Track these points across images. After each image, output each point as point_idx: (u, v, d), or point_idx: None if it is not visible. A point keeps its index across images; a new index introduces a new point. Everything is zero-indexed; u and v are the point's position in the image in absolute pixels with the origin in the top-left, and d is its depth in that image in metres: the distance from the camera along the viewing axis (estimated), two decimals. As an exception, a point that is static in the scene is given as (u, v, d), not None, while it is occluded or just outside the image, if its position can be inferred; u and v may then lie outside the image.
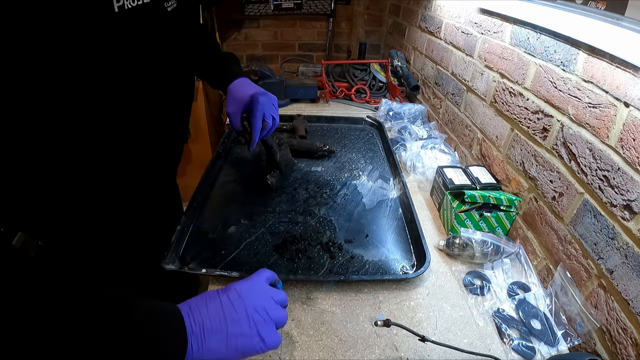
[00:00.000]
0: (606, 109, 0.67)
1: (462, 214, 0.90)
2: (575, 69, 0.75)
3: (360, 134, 1.45)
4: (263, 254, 0.85)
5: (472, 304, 0.77)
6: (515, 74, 0.96)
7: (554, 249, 0.80)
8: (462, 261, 0.88)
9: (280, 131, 1.39)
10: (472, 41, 1.17)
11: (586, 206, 0.72)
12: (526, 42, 0.91)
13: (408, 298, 0.78)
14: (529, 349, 0.68)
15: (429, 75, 1.56)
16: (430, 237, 0.95)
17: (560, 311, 0.73)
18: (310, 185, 1.11)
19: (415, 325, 0.72)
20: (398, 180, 1.11)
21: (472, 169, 1.03)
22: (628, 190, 0.62)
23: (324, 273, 0.81)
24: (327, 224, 0.95)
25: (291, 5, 2.32)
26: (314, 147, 1.25)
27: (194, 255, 0.85)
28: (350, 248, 0.88)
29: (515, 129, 0.96)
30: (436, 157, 1.20)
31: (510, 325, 0.72)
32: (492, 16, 1.06)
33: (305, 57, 2.55)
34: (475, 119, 1.17)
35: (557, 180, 0.80)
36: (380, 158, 1.28)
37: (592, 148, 0.70)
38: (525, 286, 0.81)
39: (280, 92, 1.68)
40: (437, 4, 1.46)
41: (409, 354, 0.67)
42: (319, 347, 0.67)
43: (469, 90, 1.21)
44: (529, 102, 0.90)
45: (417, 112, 1.51)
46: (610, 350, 0.64)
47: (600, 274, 0.68)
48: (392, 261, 0.85)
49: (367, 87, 1.80)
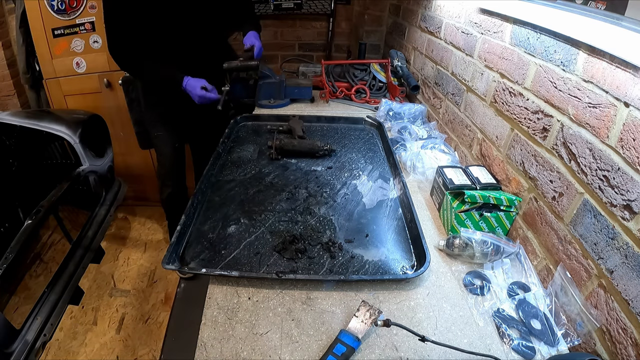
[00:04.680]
0: (606, 109, 0.67)
1: (462, 214, 0.90)
2: (575, 69, 0.75)
3: (360, 134, 1.45)
4: (263, 254, 0.85)
5: (472, 304, 0.77)
6: (515, 74, 0.96)
7: (554, 249, 0.80)
8: (462, 261, 0.87)
9: (278, 132, 1.40)
10: (472, 41, 1.17)
11: (586, 206, 0.72)
12: (526, 42, 0.91)
13: (408, 298, 0.78)
14: (529, 349, 0.68)
15: (429, 75, 1.56)
16: (430, 237, 0.95)
17: (560, 311, 0.73)
18: (310, 184, 1.11)
19: (415, 325, 0.72)
20: (398, 180, 1.11)
21: (472, 169, 1.03)
22: (628, 190, 0.62)
23: (324, 273, 0.81)
24: (327, 224, 0.95)
25: (291, 5, 2.32)
26: (315, 146, 1.26)
27: (194, 255, 0.85)
28: (350, 248, 0.88)
29: (515, 129, 0.96)
30: (436, 157, 1.20)
31: (510, 325, 0.72)
32: (492, 16, 1.06)
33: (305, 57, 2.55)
34: (475, 119, 1.17)
35: (557, 180, 0.80)
36: (380, 158, 1.28)
37: (592, 148, 0.70)
38: (525, 286, 0.81)
39: (280, 92, 1.68)
40: (437, 4, 1.46)
41: (409, 354, 0.67)
42: (319, 347, 0.67)
43: (469, 90, 1.21)
44: (529, 102, 0.90)
45: (417, 112, 1.51)
46: (610, 350, 0.64)
47: (600, 274, 0.68)
48: (392, 261, 0.85)
49: (367, 87, 1.80)
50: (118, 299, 1.91)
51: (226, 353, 0.66)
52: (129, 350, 1.66)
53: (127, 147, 2.23)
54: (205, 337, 0.69)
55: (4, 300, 1.80)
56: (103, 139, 1.76)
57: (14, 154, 1.75)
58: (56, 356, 1.63)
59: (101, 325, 1.77)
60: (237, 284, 0.80)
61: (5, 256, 1.19)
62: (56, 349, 1.65)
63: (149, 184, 2.43)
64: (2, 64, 2.13)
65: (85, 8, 1.88)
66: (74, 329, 1.75)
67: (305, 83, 1.73)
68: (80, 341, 1.69)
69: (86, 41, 1.96)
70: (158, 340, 1.68)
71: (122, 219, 2.48)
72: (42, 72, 2.03)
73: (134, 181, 2.36)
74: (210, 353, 0.66)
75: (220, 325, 0.71)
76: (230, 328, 0.71)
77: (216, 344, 0.68)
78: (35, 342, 1.13)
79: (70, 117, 1.67)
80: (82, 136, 1.59)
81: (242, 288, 0.79)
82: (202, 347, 0.67)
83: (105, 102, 2.11)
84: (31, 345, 1.11)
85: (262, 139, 1.39)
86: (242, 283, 0.80)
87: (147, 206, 2.53)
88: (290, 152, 1.27)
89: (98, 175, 1.67)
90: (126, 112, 2.00)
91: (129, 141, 2.18)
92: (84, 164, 1.60)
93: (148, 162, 2.33)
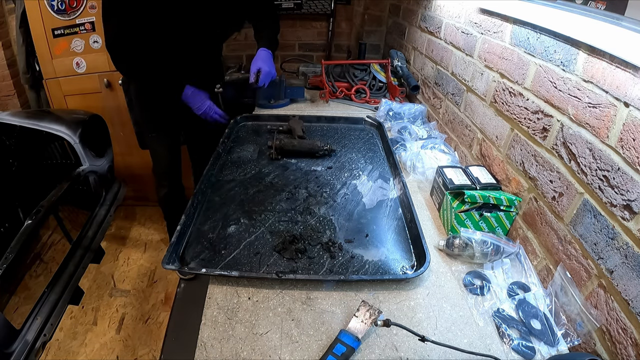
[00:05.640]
0: (606, 109, 0.67)
1: (462, 214, 0.90)
2: (575, 69, 0.75)
3: (360, 134, 1.45)
4: (263, 254, 0.85)
5: (472, 304, 0.77)
6: (515, 74, 0.96)
7: (554, 249, 0.80)
8: (462, 261, 0.87)
9: (278, 132, 1.40)
10: (472, 41, 1.17)
11: (586, 206, 0.72)
12: (526, 42, 0.91)
13: (408, 298, 0.78)
14: (529, 349, 0.68)
15: (429, 75, 1.56)
16: (430, 237, 0.95)
17: (560, 311, 0.73)
18: (310, 184, 1.11)
19: (415, 325, 0.72)
20: (398, 180, 1.11)
21: (472, 169, 1.03)
22: (628, 190, 0.62)
23: (324, 273, 0.81)
24: (327, 224, 0.95)
25: (291, 5, 2.32)
26: (315, 146, 1.26)
27: (194, 255, 0.85)
28: (350, 248, 0.88)
29: (515, 129, 0.96)
30: (436, 157, 1.20)
31: (510, 325, 0.72)
32: (492, 16, 1.06)
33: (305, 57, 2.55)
34: (475, 119, 1.17)
35: (557, 180, 0.80)
36: (380, 158, 1.28)
37: (592, 148, 0.70)
38: (525, 286, 0.81)
39: (280, 92, 1.68)
40: (437, 4, 1.46)
41: (409, 354, 0.67)
42: (319, 347, 0.67)
43: (469, 90, 1.21)
44: (529, 102, 0.90)
45: (417, 112, 1.51)
46: (610, 350, 0.64)
47: (600, 274, 0.68)
48: (392, 261, 0.85)
49: (367, 87, 1.80)
50: (118, 299, 1.91)
51: (226, 353, 0.66)
52: (129, 350, 1.66)
53: (127, 147, 2.23)
54: (205, 337, 0.69)
55: (4, 300, 1.80)
56: (103, 139, 1.76)
57: (14, 154, 1.76)
58: (56, 356, 1.63)
59: (101, 325, 1.77)
60: (237, 284, 0.80)
61: (5, 256, 1.19)
62: (56, 349, 1.65)
63: (149, 184, 2.42)
64: (2, 64, 2.13)
65: (85, 8, 1.88)
66: (74, 329, 1.75)
67: (297, 83, 1.73)
68: (80, 341, 1.69)
69: (86, 41, 1.96)
70: (158, 340, 1.69)
71: (122, 219, 2.48)
72: (42, 72, 2.03)
73: (134, 181, 2.36)
74: (210, 353, 0.66)
75: (220, 325, 0.71)
76: (230, 328, 0.71)
77: (216, 344, 0.68)
78: (35, 342, 1.13)
79: (70, 117, 1.67)
80: (82, 136, 1.59)
81: (242, 288, 0.79)
82: (202, 347, 0.67)
83: (105, 102, 2.11)
84: (31, 345, 1.11)
85: (262, 139, 1.39)
86: (242, 283, 0.80)
87: (147, 206, 2.53)
88: (290, 152, 1.27)
89: (98, 175, 1.67)
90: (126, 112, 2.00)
91: (129, 141, 2.18)
92: (84, 164, 1.60)
93: (148, 162, 2.32)
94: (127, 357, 1.64)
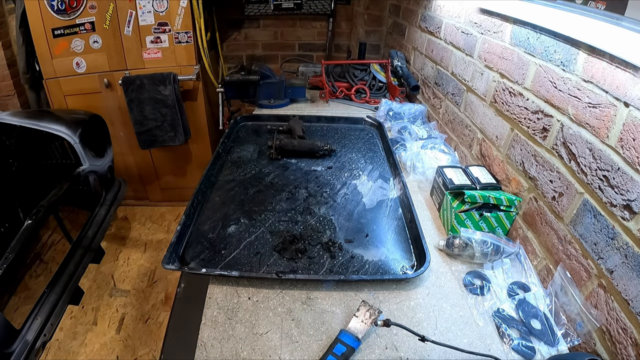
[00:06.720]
0: (606, 109, 0.67)
1: (462, 214, 0.90)
2: (575, 69, 0.75)
3: (360, 134, 1.45)
4: (263, 254, 0.85)
5: (472, 304, 0.77)
6: (515, 74, 0.96)
7: (554, 249, 0.80)
8: (462, 261, 0.87)
9: (278, 132, 1.40)
10: (472, 41, 1.17)
11: (586, 206, 0.72)
12: (526, 42, 0.91)
13: (408, 298, 0.78)
14: (529, 349, 0.68)
15: (429, 75, 1.56)
16: (430, 237, 0.95)
17: (560, 311, 0.73)
18: (310, 184, 1.11)
19: (415, 325, 0.72)
20: (398, 180, 1.11)
21: (472, 169, 1.03)
22: (628, 190, 0.62)
23: (324, 273, 0.81)
24: (327, 224, 0.95)
25: (291, 5, 2.32)
26: (315, 146, 1.26)
27: (194, 255, 0.85)
28: (350, 248, 0.88)
29: (515, 129, 0.96)
30: (436, 157, 1.20)
31: (510, 325, 0.72)
32: (492, 16, 1.06)
33: (305, 57, 2.55)
34: (475, 119, 1.17)
35: (557, 180, 0.80)
36: (380, 158, 1.28)
37: (592, 148, 0.70)
38: (525, 286, 0.81)
39: (280, 92, 1.68)
40: (437, 4, 1.46)
41: (409, 354, 0.67)
42: (319, 347, 0.67)
43: (469, 90, 1.21)
44: (529, 102, 0.90)
45: (417, 112, 1.51)
46: (610, 350, 0.64)
47: (600, 274, 0.68)
48: (392, 261, 0.85)
49: (367, 87, 1.80)
50: (118, 299, 1.91)
51: (226, 353, 0.66)
52: (129, 350, 1.66)
53: (127, 147, 2.23)
54: (205, 337, 0.69)
55: (4, 300, 1.80)
56: (103, 139, 1.76)
57: (14, 154, 1.75)
58: (56, 356, 1.62)
59: (101, 325, 1.77)
60: (237, 284, 0.80)
61: (5, 256, 1.19)
62: (56, 349, 1.65)
63: (149, 184, 2.43)
64: (2, 64, 2.13)
65: (85, 8, 1.88)
66: (74, 329, 1.75)
67: (299, 83, 1.73)
68: (80, 341, 1.69)
69: (86, 41, 1.96)
70: (158, 340, 1.68)
71: (122, 219, 2.48)
72: (42, 72, 2.03)
73: (134, 181, 2.36)
74: (210, 353, 0.66)
75: (220, 325, 0.71)
76: (230, 328, 0.71)
77: (216, 344, 0.68)
78: (35, 342, 1.13)
79: (70, 117, 1.67)
80: (82, 136, 1.59)
81: (242, 288, 0.79)
82: (202, 347, 0.67)
83: (105, 102, 2.11)
84: (31, 346, 1.11)
85: (262, 139, 1.39)
86: (242, 283, 0.80)
87: (147, 206, 2.53)
88: (290, 152, 1.27)
89: (98, 175, 1.67)
90: (126, 112, 2.00)
91: (129, 141, 2.19)
92: (84, 164, 1.60)
93: (148, 162, 2.33)
94: (127, 357, 1.63)
